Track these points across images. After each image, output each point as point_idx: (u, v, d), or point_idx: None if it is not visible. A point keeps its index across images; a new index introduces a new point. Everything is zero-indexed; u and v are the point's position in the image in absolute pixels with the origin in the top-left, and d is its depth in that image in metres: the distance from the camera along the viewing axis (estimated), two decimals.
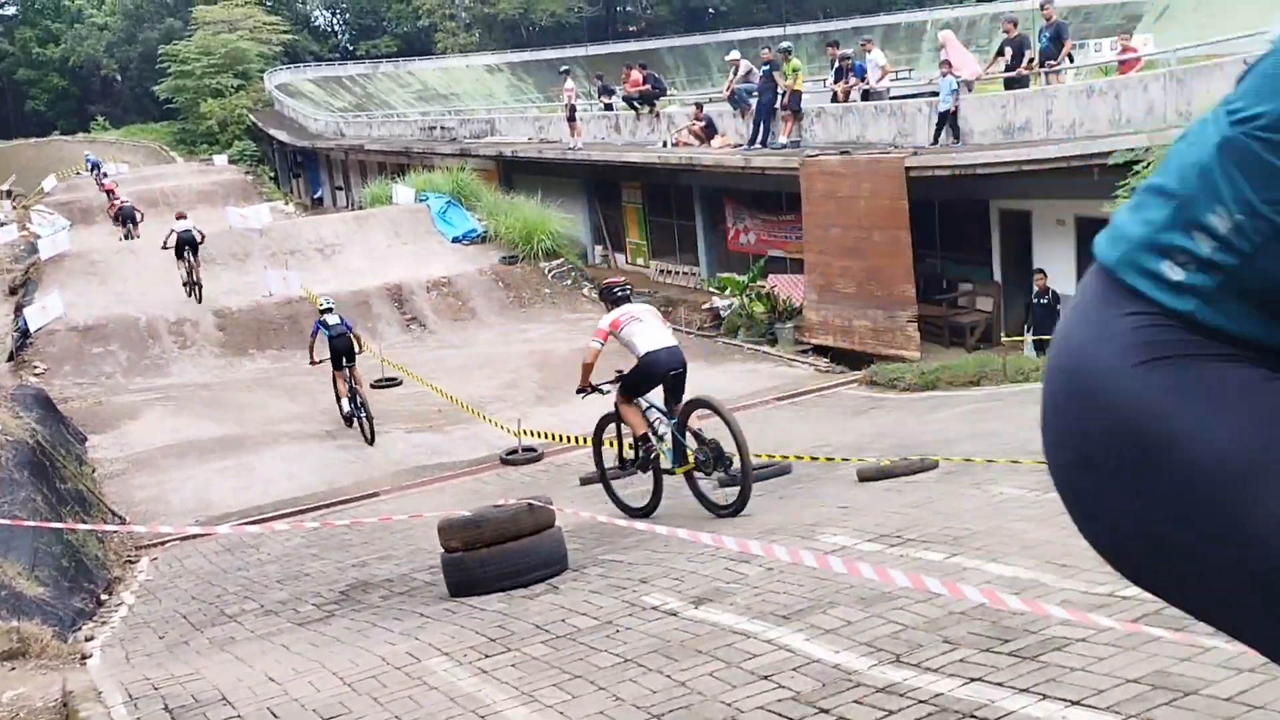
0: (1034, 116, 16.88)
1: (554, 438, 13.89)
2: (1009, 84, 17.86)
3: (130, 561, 11.86)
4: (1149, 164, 12.56)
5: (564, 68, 31.23)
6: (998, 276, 18.48)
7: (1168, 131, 13.21)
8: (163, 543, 12.35)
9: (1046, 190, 16.16)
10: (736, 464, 7.92)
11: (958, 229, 19.56)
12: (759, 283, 20.92)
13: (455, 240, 26.48)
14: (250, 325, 22.21)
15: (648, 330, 8.67)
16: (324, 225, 27.47)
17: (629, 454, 8.99)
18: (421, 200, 28.41)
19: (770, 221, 23.14)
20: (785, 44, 21.69)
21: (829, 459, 9.62)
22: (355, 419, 15.83)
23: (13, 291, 24.21)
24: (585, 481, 12.26)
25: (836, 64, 21.58)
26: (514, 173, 31.85)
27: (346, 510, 13.07)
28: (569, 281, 24.31)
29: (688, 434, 8.35)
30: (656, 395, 8.81)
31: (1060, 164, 14.90)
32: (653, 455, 8.52)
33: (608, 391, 8.97)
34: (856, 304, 18.62)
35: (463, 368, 19.85)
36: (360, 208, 33.75)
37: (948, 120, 18.00)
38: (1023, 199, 17.36)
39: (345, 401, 15.93)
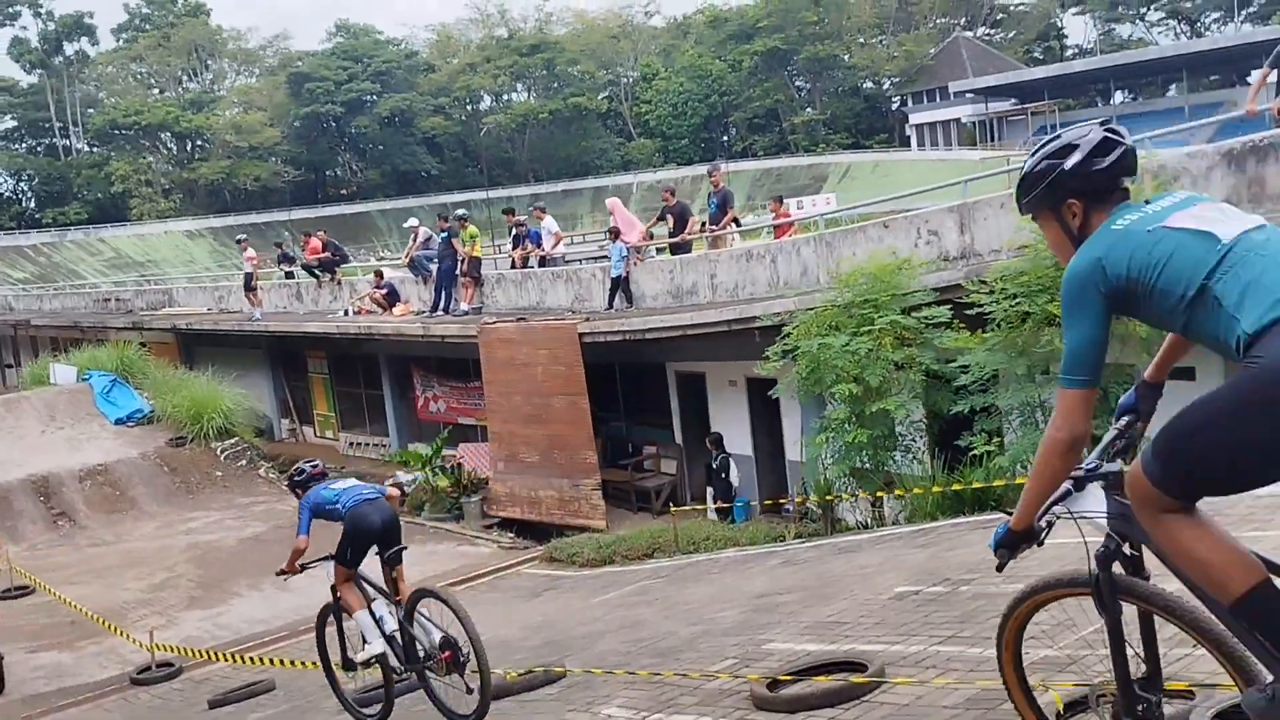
0: (700, 280, 17.00)
1: (192, 652, 12.38)
2: (674, 249, 18.00)
3: None
4: (797, 325, 12.64)
5: (240, 235, 29.84)
6: (679, 439, 18.32)
7: (814, 295, 13.40)
8: None
9: (716, 352, 16.16)
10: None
11: (638, 392, 19.40)
12: (445, 454, 20.07)
13: (119, 422, 24.36)
14: None
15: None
16: None
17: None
18: (85, 379, 26.17)
19: (458, 388, 22.45)
20: (460, 211, 21.37)
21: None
22: None
23: None
24: (214, 705, 10.87)
25: (514, 230, 21.39)
26: (194, 345, 30.05)
27: None
28: (244, 462, 22.65)
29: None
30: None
31: (721, 327, 14.92)
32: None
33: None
34: (541, 473, 18.01)
35: (113, 567, 17.90)
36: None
37: (620, 285, 17.95)
38: (696, 361, 17.36)
39: None
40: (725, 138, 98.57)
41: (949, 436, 12.07)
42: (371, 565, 7.60)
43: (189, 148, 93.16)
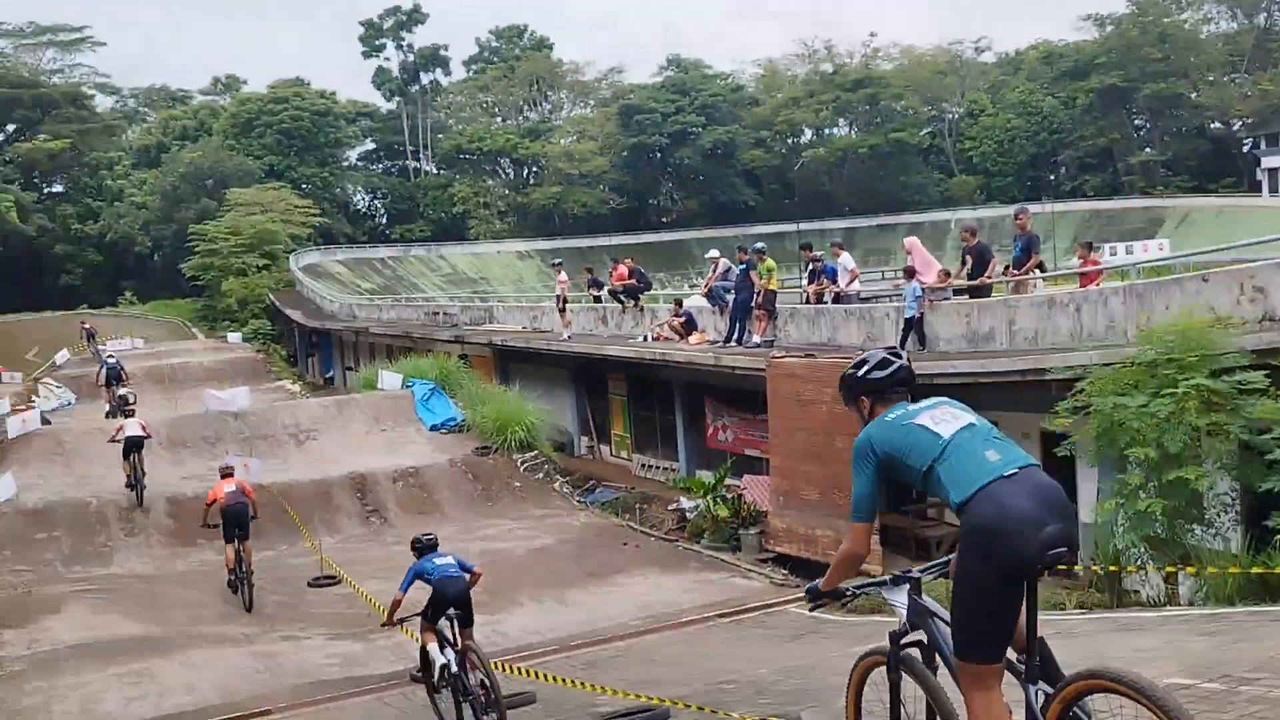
0: (998, 326, 16.33)
1: None
2: (973, 293, 17.36)
3: None
4: (1091, 381, 11.90)
5: (556, 260, 31.16)
6: None
7: (1116, 349, 12.58)
8: None
9: (1009, 402, 15.41)
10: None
11: None
12: (727, 484, 20.17)
13: (434, 428, 26.05)
14: (201, 514, 21.49)
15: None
16: (303, 410, 27.12)
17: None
18: (408, 387, 28.12)
19: (746, 420, 22.50)
20: (759, 244, 21.44)
21: (700, 708, 8.68)
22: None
23: None
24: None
25: (810, 266, 21.27)
26: (509, 361, 31.67)
27: None
28: (540, 475, 23.66)
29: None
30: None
31: (1014, 377, 14.24)
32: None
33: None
34: (820, 512, 17.75)
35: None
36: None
37: (913, 326, 17.50)
38: (989, 410, 16.56)
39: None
40: (1053, 176, 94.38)
41: (1259, 514, 11.01)
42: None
43: (524, 173, 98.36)
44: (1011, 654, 3.96)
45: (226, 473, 18.00)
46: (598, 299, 28.03)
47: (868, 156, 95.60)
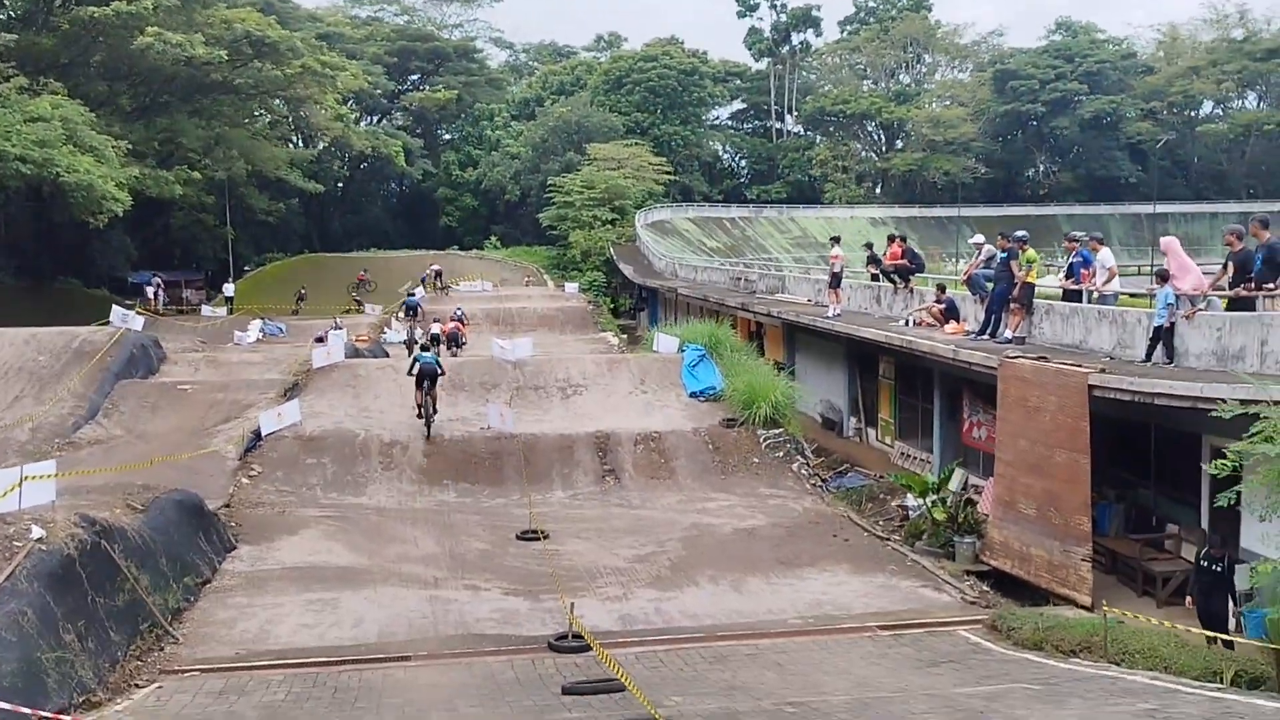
0: (1249, 344, 14.20)
1: (586, 636, 12.82)
2: (1232, 304, 15.14)
3: (138, 685, 12.13)
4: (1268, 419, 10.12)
5: (834, 234, 30.10)
6: (1204, 523, 15.52)
7: None
8: (183, 671, 12.60)
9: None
10: None
11: (1169, 460, 16.71)
12: (975, 485, 18.88)
13: (693, 395, 26.03)
14: (454, 456, 22.68)
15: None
16: (576, 366, 27.84)
17: None
18: (681, 351, 28.27)
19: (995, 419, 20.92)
20: (1021, 232, 19.66)
21: None
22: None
23: (285, 394, 26.14)
24: (566, 691, 11.35)
25: (1070, 259, 19.35)
26: (796, 333, 31.14)
27: (375, 670, 12.81)
28: (781, 453, 23.06)
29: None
30: None
31: (1253, 407, 12.27)
32: None
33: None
34: (1035, 529, 16.26)
35: (619, 530, 19.21)
36: None
37: (1162, 336, 15.55)
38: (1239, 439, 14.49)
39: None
40: None
41: None
42: None
43: (886, 138, 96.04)
44: None
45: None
46: (875, 277, 26.89)
47: (1275, 134, 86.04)
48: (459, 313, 38.67)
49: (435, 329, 33.94)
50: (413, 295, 39.03)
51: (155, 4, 46.14)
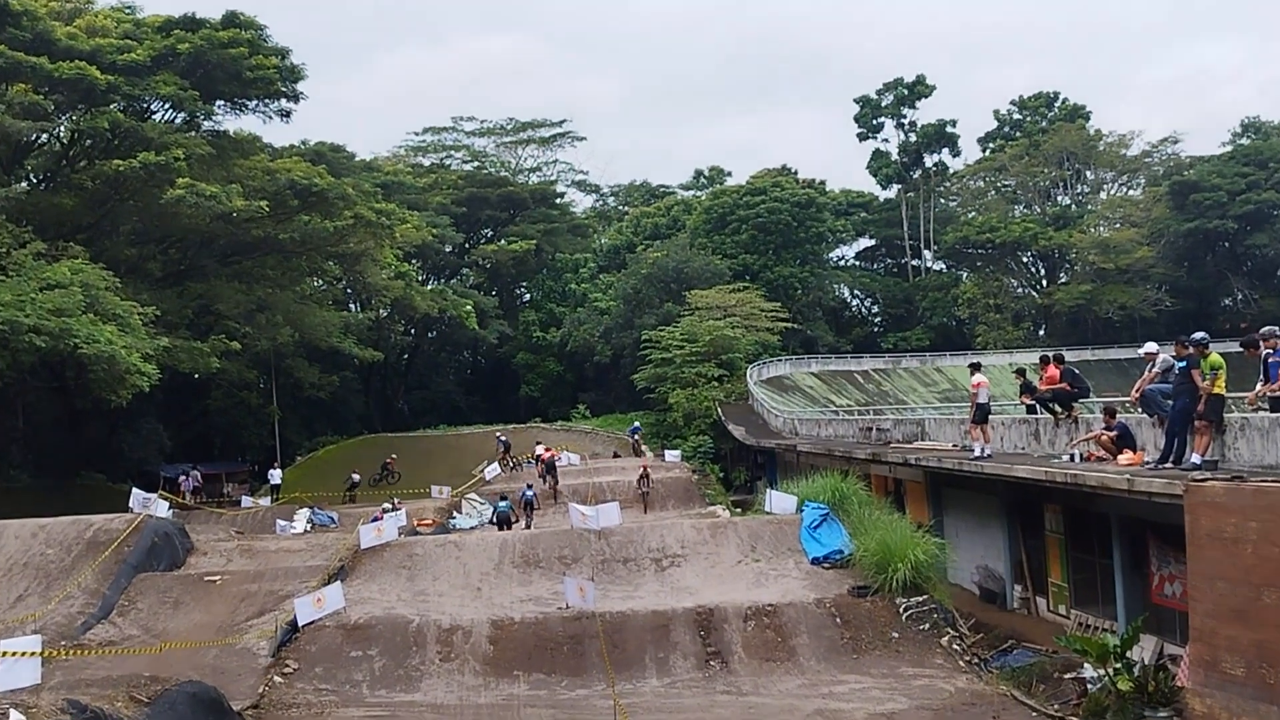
0: None
1: None
2: None
3: None
4: None
5: (974, 360, 29.65)
6: None
7: None
8: None
9: None
10: None
11: None
12: (1137, 650, 17.96)
13: (816, 561, 25.57)
14: (526, 641, 22.40)
15: None
16: (672, 533, 27.59)
17: None
18: (801, 510, 27.86)
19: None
20: (1199, 335, 19.08)
21: None
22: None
23: (328, 580, 26.23)
24: None
25: (1266, 356, 18.67)
26: (942, 485, 30.48)
27: None
28: (926, 625, 22.30)
29: None
30: None
31: None
32: None
33: None
34: (1247, 693, 15.25)
35: None
36: None
37: None
38: None
39: None
40: None
41: None
42: None
43: (1045, 270, 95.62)
44: None
45: None
46: (1031, 408, 26.27)
47: None
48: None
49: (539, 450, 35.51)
50: (503, 437, 40.45)
51: (188, 153, 48.45)
